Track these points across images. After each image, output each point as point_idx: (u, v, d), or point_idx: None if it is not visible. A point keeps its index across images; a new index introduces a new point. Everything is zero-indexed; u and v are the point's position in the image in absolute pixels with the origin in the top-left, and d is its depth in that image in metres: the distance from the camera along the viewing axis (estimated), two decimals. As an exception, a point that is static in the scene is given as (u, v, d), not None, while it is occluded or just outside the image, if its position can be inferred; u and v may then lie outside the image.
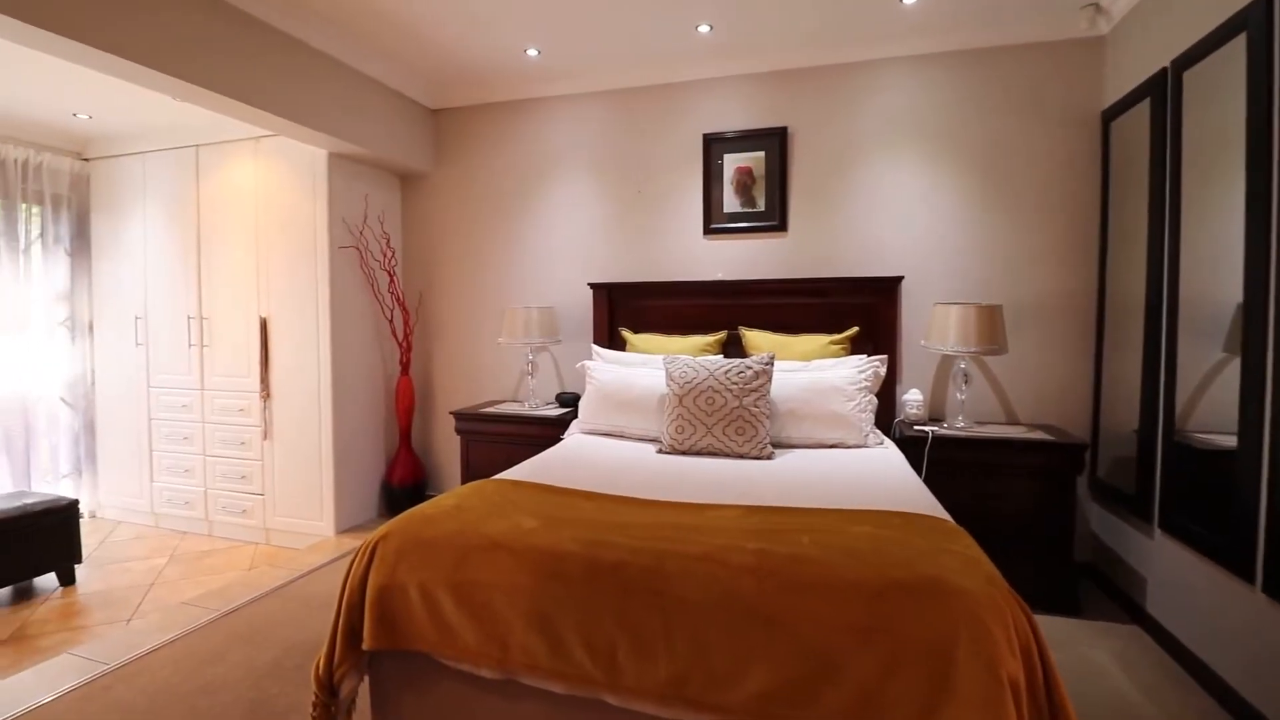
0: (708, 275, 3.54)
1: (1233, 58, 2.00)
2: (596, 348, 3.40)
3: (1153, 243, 2.50)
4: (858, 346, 3.12)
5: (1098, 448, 2.95)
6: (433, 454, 4.17)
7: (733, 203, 3.50)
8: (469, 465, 3.52)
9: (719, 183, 3.51)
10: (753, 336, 3.21)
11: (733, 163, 3.49)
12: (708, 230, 3.55)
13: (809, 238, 3.41)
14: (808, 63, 3.35)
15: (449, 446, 4.04)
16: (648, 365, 3.08)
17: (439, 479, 4.16)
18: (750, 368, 2.63)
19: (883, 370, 2.86)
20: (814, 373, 2.82)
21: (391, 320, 3.97)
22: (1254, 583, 1.88)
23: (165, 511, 3.96)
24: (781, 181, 3.41)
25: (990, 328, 2.78)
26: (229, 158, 3.70)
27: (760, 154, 3.44)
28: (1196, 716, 1.96)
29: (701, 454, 2.56)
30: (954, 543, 1.46)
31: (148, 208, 3.91)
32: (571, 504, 1.80)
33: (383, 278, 3.92)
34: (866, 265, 3.31)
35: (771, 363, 2.66)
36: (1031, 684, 1.18)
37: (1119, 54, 2.86)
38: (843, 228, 3.36)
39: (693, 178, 3.57)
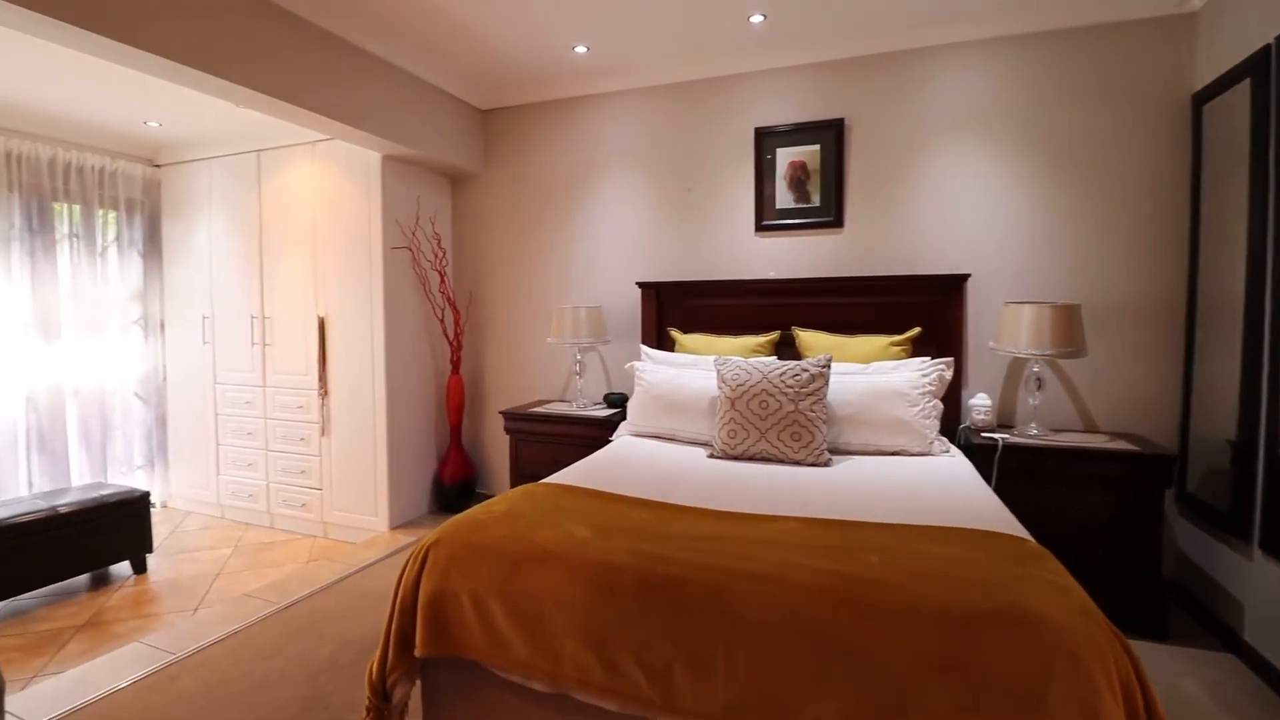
0: (759, 274, 3.44)
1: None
2: (645, 348, 3.34)
3: (1254, 236, 2.28)
4: (919, 348, 2.98)
5: (1187, 459, 2.73)
6: (482, 451, 4.21)
7: (786, 198, 3.39)
8: (518, 464, 3.52)
9: (771, 178, 3.40)
10: (807, 337, 3.10)
11: (785, 157, 3.37)
12: (759, 227, 3.44)
13: (867, 234, 3.27)
14: (866, 50, 3.20)
15: (499, 444, 4.07)
16: (698, 366, 3.01)
17: (488, 477, 4.19)
18: (806, 370, 2.53)
19: (948, 374, 2.71)
20: (874, 376, 2.70)
21: (442, 319, 4.02)
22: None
23: (230, 503, 4.11)
24: (838, 175, 3.28)
25: (1067, 328, 2.59)
26: (288, 162, 3.80)
27: (815, 147, 3.32)
28: (1307, 760, 1.78)
29: (754, 459, 2.48)
30: (1040, 567, 1.33)
31: (213, 211, 4.06)
32: (623, 512, 1.76)
33: (434, 277, 3.96)
34: (929, 263, 3.15)
35: (828, 365, 2.55)
36: (1133, 731, 1.07)
37: (1213, 31, 2.63)
38: (904, 223, 3.20)
39: (744, 173, 3.47)
